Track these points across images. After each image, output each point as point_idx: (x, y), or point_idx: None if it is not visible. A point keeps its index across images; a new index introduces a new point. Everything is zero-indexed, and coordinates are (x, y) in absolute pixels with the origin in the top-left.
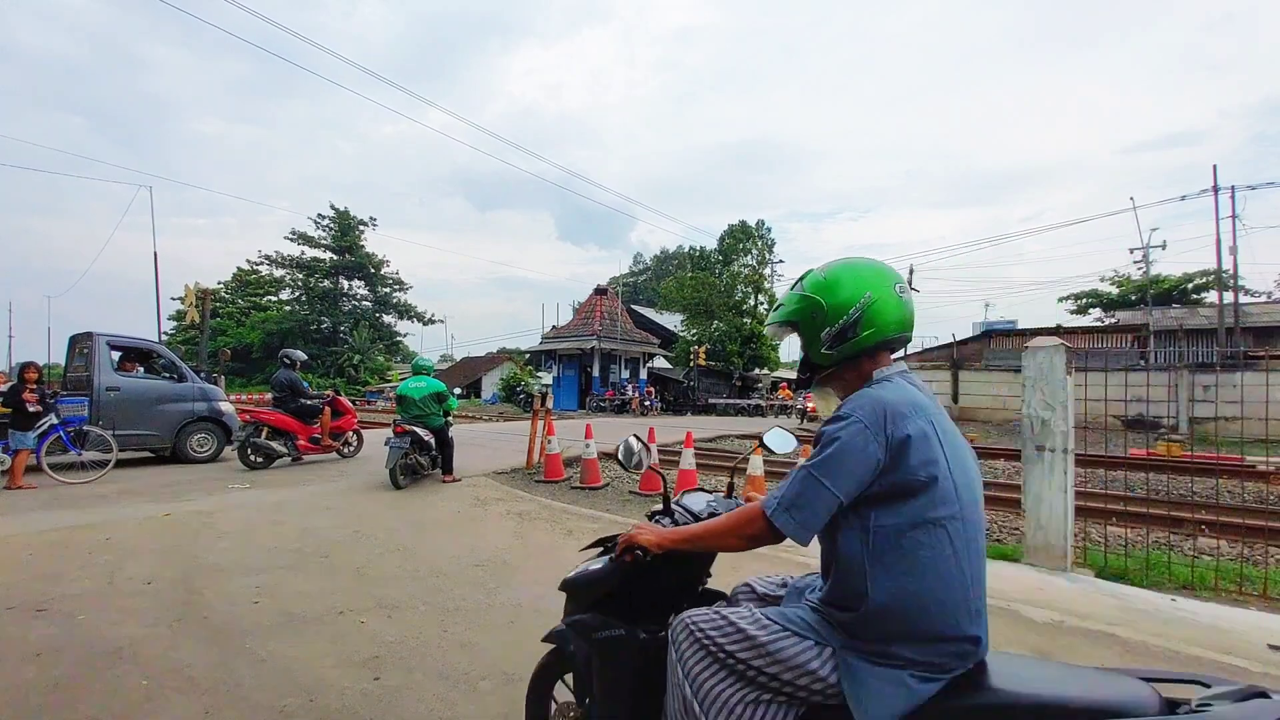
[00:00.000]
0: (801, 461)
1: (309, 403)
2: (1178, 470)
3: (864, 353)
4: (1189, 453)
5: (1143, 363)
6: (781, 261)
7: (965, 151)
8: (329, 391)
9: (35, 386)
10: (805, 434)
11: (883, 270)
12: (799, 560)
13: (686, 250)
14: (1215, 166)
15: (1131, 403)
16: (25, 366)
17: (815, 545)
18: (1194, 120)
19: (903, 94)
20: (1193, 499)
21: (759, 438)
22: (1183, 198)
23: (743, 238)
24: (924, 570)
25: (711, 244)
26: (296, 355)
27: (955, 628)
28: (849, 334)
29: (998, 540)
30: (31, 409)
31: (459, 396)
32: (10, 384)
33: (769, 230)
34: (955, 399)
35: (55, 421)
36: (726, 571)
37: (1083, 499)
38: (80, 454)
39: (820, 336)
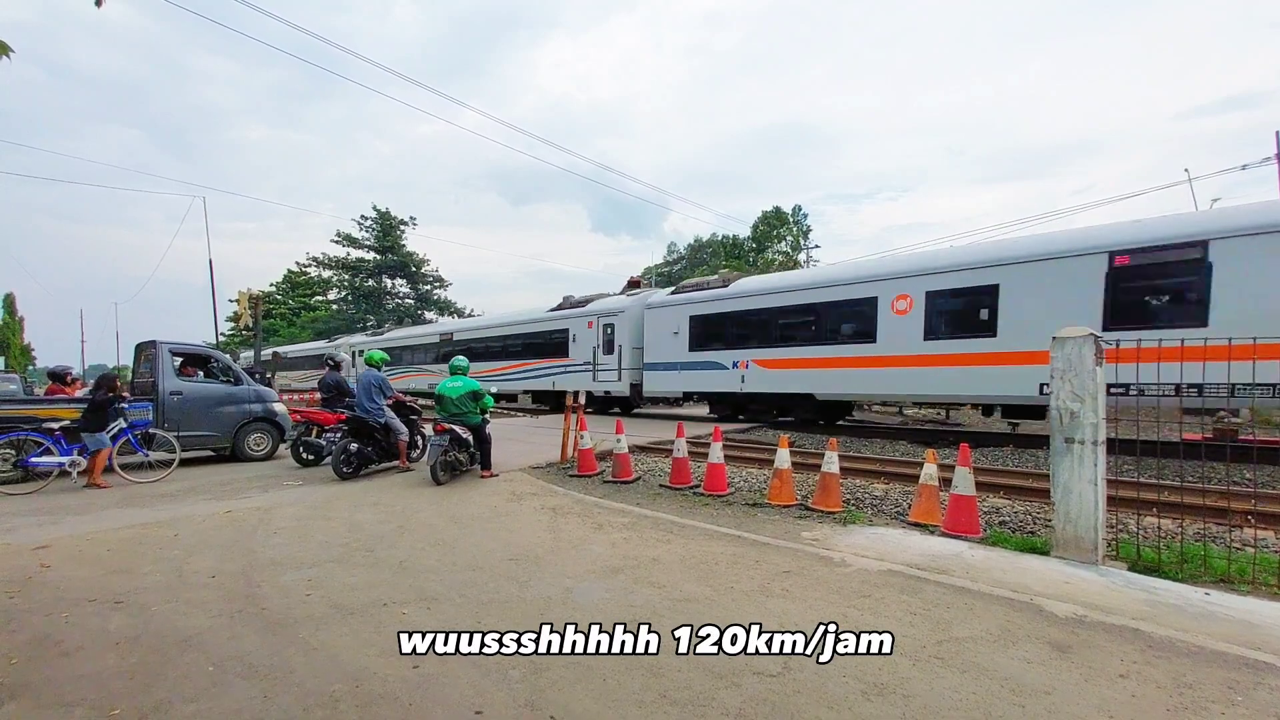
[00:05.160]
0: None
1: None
2: (1220, 455)
3: None
4: (1250, 435)
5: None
6: (817, 246)
7: (1009, 123)
8: None
9: (114, 394)
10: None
11: None
12: (823, 553)
13: (720, 238)
14: (1277, 133)
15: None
16: (108, 379)
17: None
18: (1255, 81)
19: (941, 67)
20: (1230, 487)
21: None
22: (1244, 167)
23: (776, 224)
24: None
25: (746, 231)
26: (341, 358)
27: None
28: None
29: (1030, 532)
30: (114, 406)
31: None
32: (88, 389)
33: (805, 216)
34: None
35: (124, 425)
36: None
37: (1115, 487)
38: (148, 455)
39: None
